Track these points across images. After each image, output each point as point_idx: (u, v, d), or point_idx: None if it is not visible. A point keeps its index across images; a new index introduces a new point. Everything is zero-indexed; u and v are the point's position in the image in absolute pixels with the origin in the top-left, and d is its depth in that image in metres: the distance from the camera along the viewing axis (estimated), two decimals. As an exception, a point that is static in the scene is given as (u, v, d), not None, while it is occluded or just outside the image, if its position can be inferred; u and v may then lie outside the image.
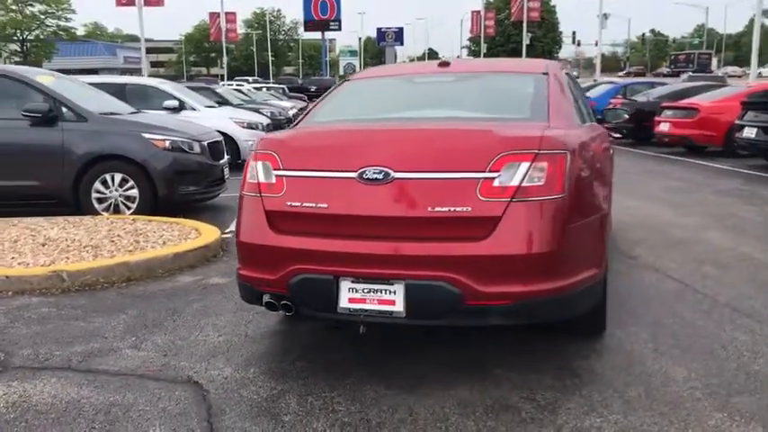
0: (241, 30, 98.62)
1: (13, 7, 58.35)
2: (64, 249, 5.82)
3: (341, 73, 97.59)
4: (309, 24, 63.28)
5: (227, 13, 44.79)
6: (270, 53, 77.62)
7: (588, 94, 19.51)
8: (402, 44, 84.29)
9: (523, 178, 3.13)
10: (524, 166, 3.14)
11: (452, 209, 3.12)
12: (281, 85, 44.46)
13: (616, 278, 5.18)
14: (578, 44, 78.18)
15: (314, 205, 3.30)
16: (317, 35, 78.44)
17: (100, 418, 3.12)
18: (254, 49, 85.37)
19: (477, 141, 3.27)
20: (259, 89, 38.50)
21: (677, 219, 7.50)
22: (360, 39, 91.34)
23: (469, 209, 3.11)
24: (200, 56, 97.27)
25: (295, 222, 3.35)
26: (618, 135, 17.49)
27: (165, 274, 5.50)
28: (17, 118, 7.34)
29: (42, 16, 59.77)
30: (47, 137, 7.37)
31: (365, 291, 3.21)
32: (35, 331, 4.26)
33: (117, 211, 7.46)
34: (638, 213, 7.79)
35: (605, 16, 36.38)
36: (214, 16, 45.75)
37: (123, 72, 60.00)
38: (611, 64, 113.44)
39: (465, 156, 3.19)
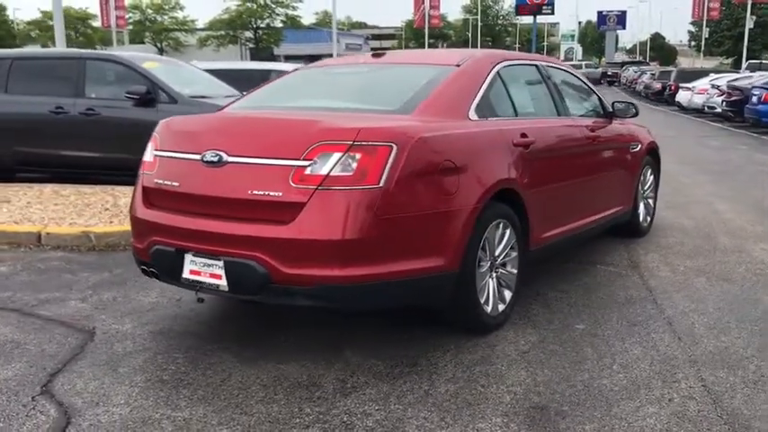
0: (460, 15, 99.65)
1: (250, -3, 64.21)
2: (116, 215, 6.69)
3: (561, 58, 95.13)
4: (522, 8, 62.55)
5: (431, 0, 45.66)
6: (479, 37, 77.57)
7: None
8: (624, 28, 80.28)
9: (333, 168, 3.24)
10: (336, 156, 3.25)
11: (267, 193, 3.32)
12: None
13: (587, 281, 4.94)
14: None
15: (170, 183, 3.67)
16: (537, 19, 77.08)
17: (-10, 351, 3.75)
18: (470, 35, 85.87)
19: (298, 131, 3.43)
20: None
21: (749, 226, 6.76)
22: (579, 23, 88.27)
23: (281, 194, 3.29)
24: (419, 42, 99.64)
25: (159, 198, 3.74)
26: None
27: (183, 241, 6.12)
28: (123, 99, 8.41)
29: (273, 5, 64.95)
30: (145, 116, 8.36)
31: (202, 265, 3.51)
32: (30, 279, 5.06)
33: (198, 184, 8.28)
34: (710, 217, 7.12)
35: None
36: (419, 3, 46.83)
37: (344, 57, 63.23)
38: None
39: (286, 144, 3.37)
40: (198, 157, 3.54)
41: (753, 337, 3.90)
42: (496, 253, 3.98)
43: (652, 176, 6.36)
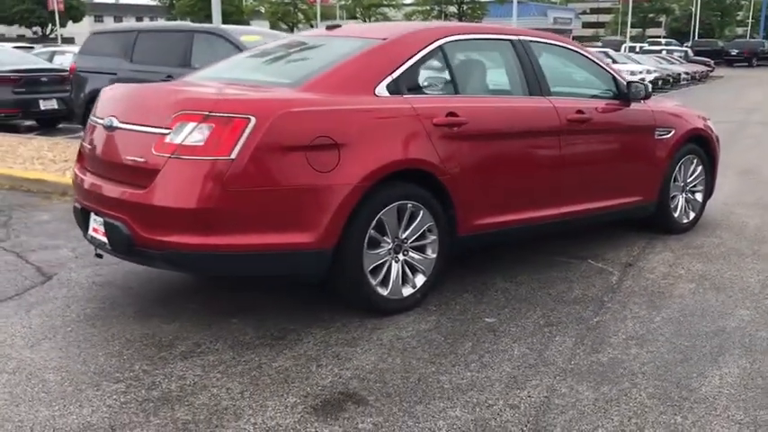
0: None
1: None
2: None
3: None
4: (751, -20, 56.52)
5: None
6: (698, 12, 71.21)
7: None
8: None
9: (186, 137, 3.33)
10: (191, 125, 3.34)
11: (135, 159, 3.50)
12: (685, 48, 41.24)
13: (555, 274, 4.58)
14: None
15: (88, 146, 3.96)
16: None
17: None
18: (693, 9, 79.26)
19: (167, 100, 3.53)
20: (652, 51, 36.55)
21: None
22: (827, -4, 77.88)
23: (144, 160, 3.45)
24: (638, 16, 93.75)
25: (83, 160, 4.06)
26: None
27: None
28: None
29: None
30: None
31: (98, 223, 3.77)
32: (57, 227, 5.66)
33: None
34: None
35: None
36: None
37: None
38: None
39: (156, 112, 3.50)
40: (102, 121, 3.79)
41: (669, 354, 3.43)
42: (403, 235, 3.84)
43: (700, 167, 5.64)
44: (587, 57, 5.01)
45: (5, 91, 11.44)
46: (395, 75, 3.87)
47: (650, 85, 5.05)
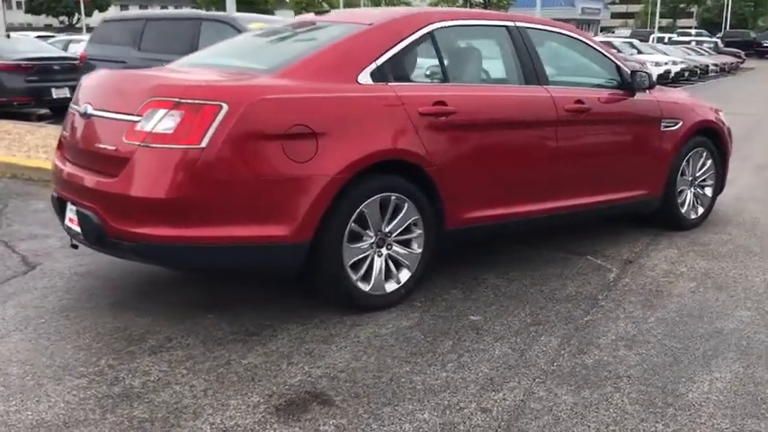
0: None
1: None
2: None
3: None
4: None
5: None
6: (731, 2, 69.88)
7: None
8: None
9: (156, 125, 3.22)
10: (161, 113, 3.22)
11: (106, 147, 3.39)
12: (715, 40, 40.48)
13: (550, 271, 4.42)
14: None
15: (66, 134, 3.87)
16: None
17: (-62, 274, 4.27)
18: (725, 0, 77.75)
19: (138, 87, 3.42)
20: (680, 42, 35.92)
21: None
22: None
23: (115, 148, 3.34)
24: (668, 7, 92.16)
25: (62, 148, 3.97)
26: None
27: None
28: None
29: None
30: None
31: (74, 212, 3.68)
32: (49, 216, 5.61)
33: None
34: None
35: None
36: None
37: (579, 24, 61.08)
38: None
39: (128, 99, 3.39)
40: (79, 109, 3.70)
41: (658, 357, 3.26)
42: (387, 229, 3.70)
43: (710, 161, 5.42)
44: (590, 45, 4.81)
45: (18, 79, 11.47)
46: (379, 61, 3.72)
47: (654, 75, 4.82)
